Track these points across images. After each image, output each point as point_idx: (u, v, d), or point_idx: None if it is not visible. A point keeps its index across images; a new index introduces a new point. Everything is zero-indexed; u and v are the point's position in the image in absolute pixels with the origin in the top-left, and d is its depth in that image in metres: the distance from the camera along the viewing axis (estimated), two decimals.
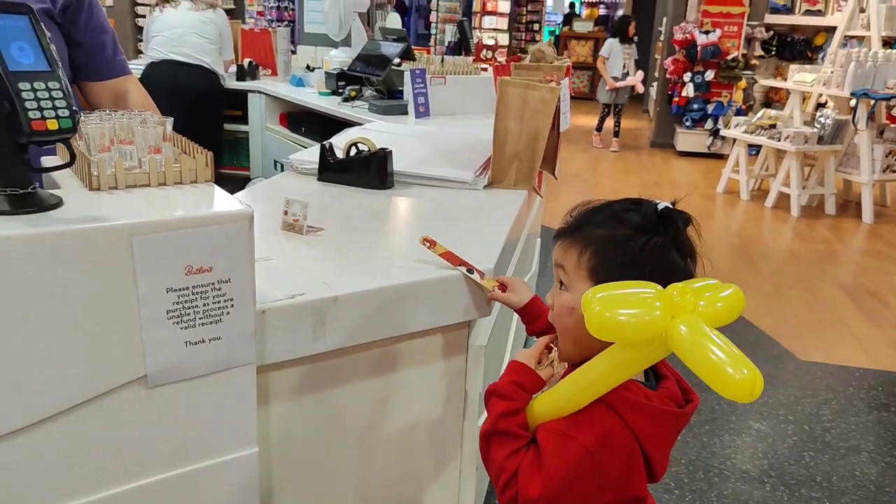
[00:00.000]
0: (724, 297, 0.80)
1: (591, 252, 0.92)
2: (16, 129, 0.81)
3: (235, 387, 0.99)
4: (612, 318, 0.77)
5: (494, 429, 0.93)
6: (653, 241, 0.89)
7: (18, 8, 0.85)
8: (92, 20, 1.47)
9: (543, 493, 0.85)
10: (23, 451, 0.84)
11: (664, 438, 0.92)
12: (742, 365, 0.72)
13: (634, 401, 0.88)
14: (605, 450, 0.86)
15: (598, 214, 0.96)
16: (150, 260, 0.86)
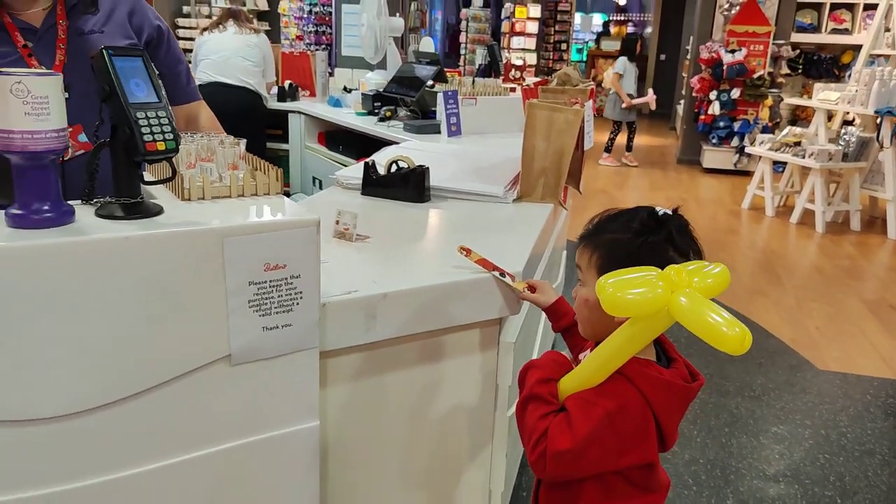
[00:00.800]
0: (714, 274, 0.96)
1: (600, 253, 1.10)
2: (133, 149, 1.00)
3: (302, 367, 1.16)
4: (623, 297, 0.93)
5: (531, 393, 1.09)
6: (649, 241, 1.06)
7: (134, 51, 1.05)
8: (170, 53, 1.68)
9: (570, 448, 1.01)
10: (132, 415, 1.02)
11: (673, 409, 1.08)
12: (733, 325, 0.88)
13: (649, 375, 1.04)
14: (623, 414, 1.02)
15: (609, 222, 1.14)
16: (237, 258, 1.04)
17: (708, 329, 0.88)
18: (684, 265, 0.96)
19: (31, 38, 1.45)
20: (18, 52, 1.43)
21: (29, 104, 0.90)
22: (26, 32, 1.45)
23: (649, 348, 1.11)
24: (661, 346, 1.15)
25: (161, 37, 1.65)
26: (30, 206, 0.95)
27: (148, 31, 1.62)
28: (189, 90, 1.76)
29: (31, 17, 1.47)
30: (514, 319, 1.56)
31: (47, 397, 0.95)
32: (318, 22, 5.74)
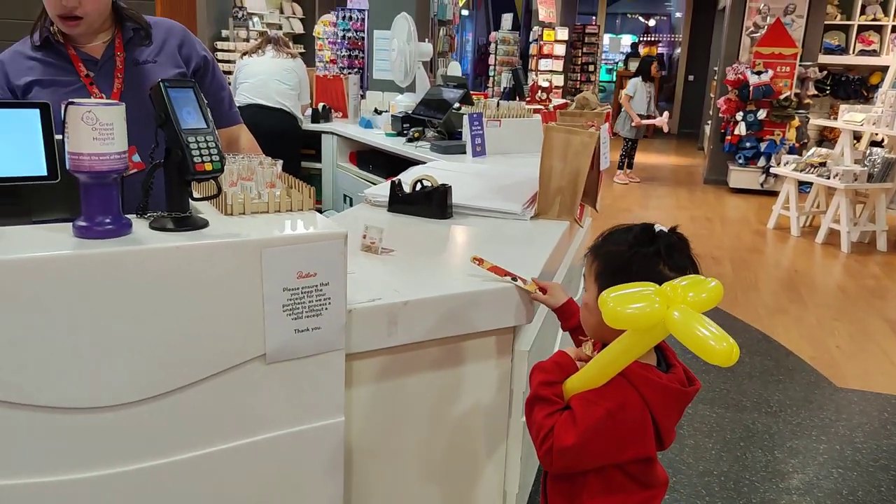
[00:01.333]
0: (708, 289, 1.06)
1: (598, 262, 1.21)
2: (184, 170, 1.13)
3: (329, 367, 1.28)
4: (622, 311, 1.03)
5: (536, 394, 1.20)
6: (639, 253, 1.16)
7: (186, 83, 1.18)
8: (214, 80, 1.83)
9: (575, 443, 1.11)
10: (178, 406, 1.14)
11: (670, 410, 1.18)
12: (721, 339, 0.97)
13: (648, 378, 1.15)
14: (622, 412, 1.12)
15: (612, 235, 1.25)
16: (274, 266, 1.17)
17: (698, 342, 0.98)
18: (680, 281, 1.06)
19: (93, 68, 1.62)
20: (81, 81, 1.59)
21: (97, 130, 1.04)
22: (88, 63, 1.62)
23: (650, 353, 1.21)
24: (662, 352, 1.24)
25: (207, 66, 1.80)
26: (94, 219, 1.08)
27: (196, 61, 1.77)
28: (231, 114, 1.91)
29: (92, 49, 1.64)
30: (529, 328, 1.67)
31: (106, 388, 1.08)
32: (350, 46, 5.93)
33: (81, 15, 1.54)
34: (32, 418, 1.04)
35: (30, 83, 1.60)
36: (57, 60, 1.62)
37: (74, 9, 1.53)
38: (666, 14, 18.17)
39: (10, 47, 1.68)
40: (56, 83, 1.59)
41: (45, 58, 1.62)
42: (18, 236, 1.08)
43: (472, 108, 3.49)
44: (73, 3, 1.52)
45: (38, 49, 1.63)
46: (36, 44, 1.63)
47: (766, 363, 3.42)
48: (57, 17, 1.56)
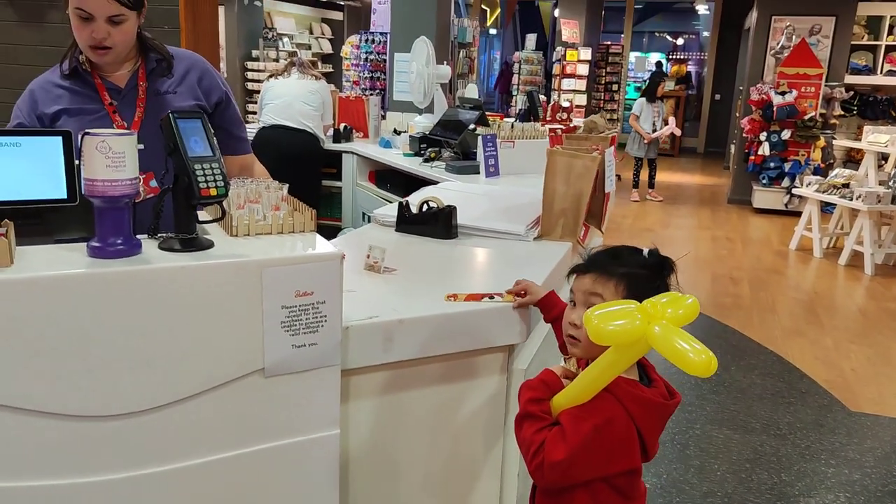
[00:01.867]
0: (686, 306, 1.11)
1: (625, 284, 1.23)
2: (191, 194, 1.22)
3: (325, 381, 1.35)
4: (606, 328, 1.09)
5: (525, 412, 1.25)
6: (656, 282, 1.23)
7: (195, 114, 1.27)
8: (232, 113, 1.92)
9: (564, 458, 1.16)
10: (182, 416, 1.22)
11: (654, 423, 1.23)
12: (700, 352, 1.02)
13: (633, 393, 1.20)
14: (609, 427, 1.18)
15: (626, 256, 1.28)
16: (273, 285, 1.24)
17: (678, 355, 1.03)
18: (659, 298, 1.12)
19: (116, 97, 1.72)
20: (105, 110, 1.69)
21: (110, 158, 1.13)
22: (112, 92, 1.72)
23: (632, 369, 1.26)
24: (643, 368, 1.29)
25: (227, 100, 1.89)
26: (106, 240, 1.17)
27: (216, 94, 1.86)
28: (246, 144, 1.99)
29: (117, 79, 1.75)
30: (527, 347, 1.72)
31: (114, 397, 1.16)
32: (373, 69, 6.06)
33: (111, 45, 1.65)
34: (46, 425, 1.12)
35: (58, 112, 1.71)
36: (83, 89, 1.73)
37: (104, 40, 1.63)
38: (694, 32, 18.14)
39: (42, 76, 1.80)
40: (82, 111, 1.70)
41: (73, 86, 1.73)
42: (37, 255, 1.16)
43: (487, 129, 3.56)
44: (103, 35, 1.63)
45: (67, 78, 1.74)
46: (65, 72, 1.74)
47: (779, 385, 3.42)
48: (88, 48, 1.66)
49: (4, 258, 1.10)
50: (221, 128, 1.88)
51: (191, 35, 3.41)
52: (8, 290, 1.07)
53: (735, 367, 3.62)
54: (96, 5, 1.59)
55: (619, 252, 1.30)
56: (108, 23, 1.62)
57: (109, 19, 1.62)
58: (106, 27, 1.62)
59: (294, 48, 11.12)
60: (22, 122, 1.75)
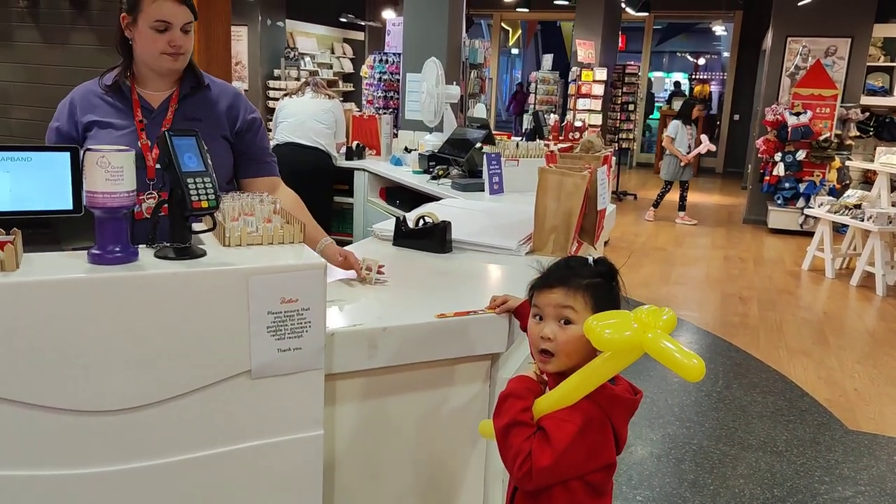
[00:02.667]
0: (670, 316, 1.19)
1: (589, 295, 1.29)
2: (183, 207, 1.31)
3: (309, 384, 1.42)
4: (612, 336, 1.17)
5: (514, 420, 1.29)
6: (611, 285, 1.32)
7: (189, 132, 1.37)
8: (261, 138, 2.02)
9: (551, 462, 1.23)
10: (172, 413, 1.30)
11: (625, 418, 1.31)
12: (691, 357, 1.11)
13: (607, 393, 1.27)
14: (589, 426, 1.24)
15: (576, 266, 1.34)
16: (259, 292, 1.33)
17: (675, 361, 1.12)
18: (646, 309, 1.19)
19: (148, 116, 1.86)
20: (134, 126, 1.83)
21: (109, 172, 1.22)
22: (145, 110, 1.86)
23: None
24: None
25: (253, 126, 2.00)
26: (105, 248, 1.26)
27: (241, 122, 1.97)
28: (272, 166, 2.07)
29: (153, 98, 1.88)
30: (511, 357, 1.79)
31: (109, 394, 1.25)
32: (386, 88, 6.19)
33: (184, 52, 1.83)
34: (45, 418, 1.21)
35: (91, 122, 1.85)
36: (119, 103, 1.86)
37: (181, 46, 1.81)
38: (716, 53, 18.17)
39: (84, 84, 1.94)
40: (112, 126, 1.83)
41: (110, 100, 1.87)
42: (41, 261, 1.26)
43: (493, 148, 3.65)
44: (181, 42, 1.80)
45: (107, 90, 1.87)
46: (107, 83, 1.88)
47: (779, 403, 3.44)
48: (162, 56, 1.81)
49: (11, 263, 1.20)
50: (247, 154, 1.99)
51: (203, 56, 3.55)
52: (13, 292, 1.17)
53: (737, 385, 3.65)
54: (175, 14, 1.77)
55: (572, 264, 1.36)
56: (182, 31, 1.80)
57: (183, 28, 1.79)
58: (181, 35, 1.80)
59: (315, 68, 11.34)
60: (60, 125, 1.89)
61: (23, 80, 4.21)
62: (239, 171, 2.01)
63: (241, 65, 10.29)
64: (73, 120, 1.88)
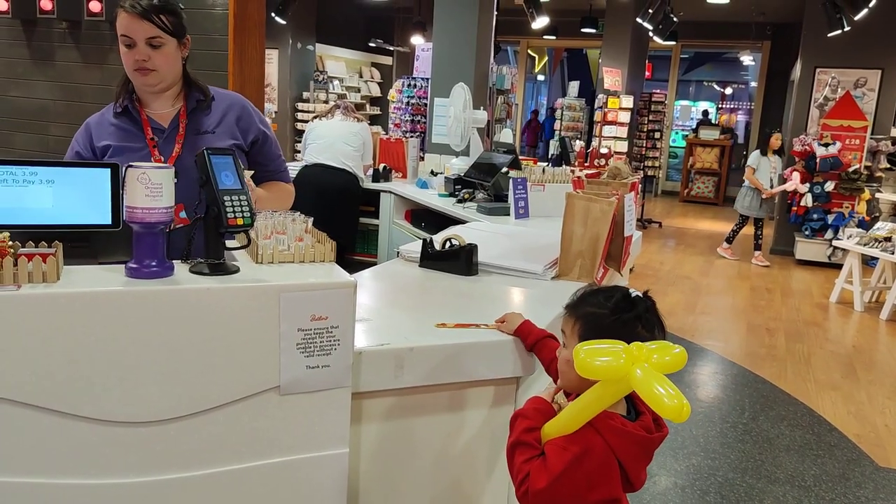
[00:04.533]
0: (673, 354, 1.18)
1: (581, 323, 1.32)
2: (219, 223, 1.34)
3: (336, 402, 1.43)
4: (592, 363, 1.16)
5: (518, 440, 1.32)
6: (621, 319, 1.28)
7: (226, 151, 1.40)
8: (271, 149, 2.08)
9: (546, 486, 1.23)
10: (203, 427, 1.32)
11: (637, 454, 1.28)
12: (675, 397, 1.09)
13: (612, 425, 1.26)
14: (587, 456, 1.24)
15: (589, 297, 1.36)
16: (290, 309, 1.35)
17: (654, 398, 1.11)
18: (649, 344, 1.18)
19: (159, 136, 1.90)
20: (147, 147, 1.87)
21: (148, 188, 1.26)
22: (156, 130, 1.91)
23: (620, 403, 1.32)
24: (632, 401, 1.36)
25: (264, 138, 2.05)
26: (142, 262, 1.29)
27: (253, 134, 2.02)
28: (283, 175, 2.13)
29: (161, 117, 1.92)
30: (537, 381, 1.79)
31: (141, 406, 1.27)
32: (414, 112, 6.27)
33: (152, 67, 1.84)
34: (77, 427, 1.24)
35: (106, 146, 1.90)
36: (131, 126, 1.91)
37: (145, 62, 1.82)
38: (743, 82, 18.12)
39: (100, 112, 1.98)
40: (126, 149, 1.88)
41: (122, 124, 1.92)
42: (81, 274, 1.29)
43: (519, 173, 3.66)
44: (144, 56, 1.82)
45: (118, 115, 1.92)
46: (117, 110, 1.92)
47: (807, 437, 3.38)
48: (133, 72, 1.85)
49: (53, 275, 1.23)
50: (259, 163, 2.03)
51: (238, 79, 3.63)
52: (53, 302, 1.20)
53: (763, 417, 3.59)
54: (137, 29, 1.80)
55: (586, 292, 1.39)
56: (148, 46, 1.81)
57: (149, 43, 1.81)
58: (146, 50, 1.82)
59: (344, 91, 11.50)
60: (80, 151, 1.94)
61: (61, 99, 4.32)
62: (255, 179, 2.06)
63: (271, 87, 10.47)
64: (91, 146, 1.93)
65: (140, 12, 1.78)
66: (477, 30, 5.34)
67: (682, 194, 12.87)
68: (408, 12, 11.39)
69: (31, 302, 1.18)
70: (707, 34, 12.67)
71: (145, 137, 1.88)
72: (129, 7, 1.79)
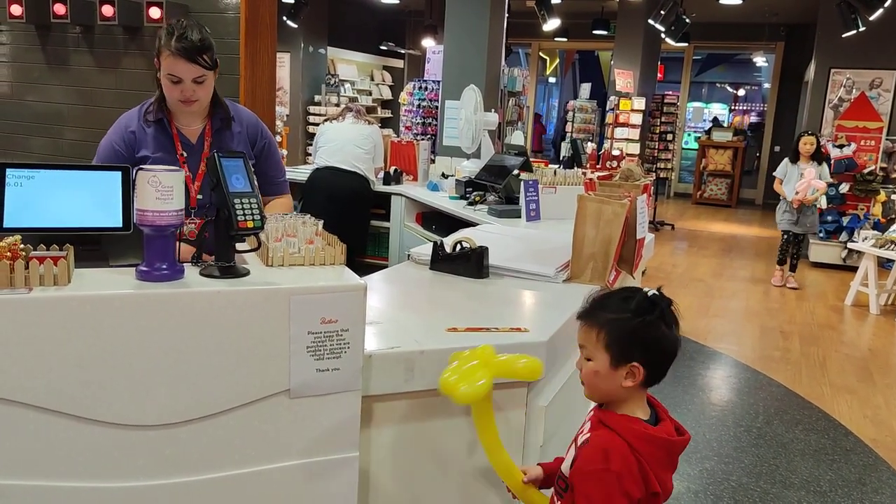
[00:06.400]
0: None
1: (605, 332, 1.29)
2: (230, 226, 1.34)
3: (346, 405, 1.43)
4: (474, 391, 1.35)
5: None
6: (645, 321, 1.27)
7: (238, 154, 1.40)
8: (273, 158, 2.19)
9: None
10: (212, 430, 1.32)
11: (660, 458, 1.27)
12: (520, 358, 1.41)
13: (630, 427, 1.26)
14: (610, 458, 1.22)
15: (607, 302, 1.34)
16: (300, 312, 1.34)
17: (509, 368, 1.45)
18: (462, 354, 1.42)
19: (189, 150, 2.05)
20: (178, 160, 2.00)
21: (159, 191, 1.26)
22: (186, 146, 2.05)
23: (643, 408, 1.32)
24: (654, 409, 1.34)
25: (269, 148, 2.22)
26: (153, 265, 1.29)
27: (259, 144, 2.19)
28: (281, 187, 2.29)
29: (190, 133, 2.07)
30: (549, 385, 1.78)
31: (152, 409, 1.27)
32: (425, 115, 6.27)
33: (196, 100, 1.99)
34: (88, 430, 1.24)
35: (144, 157, 2.02)
36: (164, 139, 2.05)
37: (192, 97, 1.97)
38: (756, 84, 18.01)
39: (130, 115, 2.09)
40: (161, 161, 1.99)
41: (157, 135, 2.05)
42: (92, 276, 1.29)
43: (530, 175, 3.65)
44: (190, 94, 1.97)
45: (150, 125, 2.05)
46: (150, 119, 2.05)
47: (823, 441, 3.34)
48: (177, 103, 1.99)
49: (64, 278, 1.23)
50: (263, 175, 2.17)
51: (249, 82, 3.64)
52: (65, 305, 1.20)
53: (778, 421, 3.55)
54: (184, 71, 1.93)
55: (601, 297, 1.36)
56: (193, 83, 1.95)
57: (194, 80, 1.94)
58: (192, 86, 1.96)
59: (355, 94, 11.52)
60: (121, 150, 2.04)
61: (76, 103, 4.35)
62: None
63: (282, 90, 10.51)
64: (133, 153, 2.04)
65: (188, 57, 1.91)
66: (488, 32, 5.33)
67: (695, 196, 12.80)
68: (419, 15, 11.41)
69: (41, 305, 1.18)
70: (720, 35, 12.60)
71: (176, 152, 2.01)
72: (176, 51, 1.91)
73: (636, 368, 1.27)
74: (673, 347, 1.29)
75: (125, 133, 2.06)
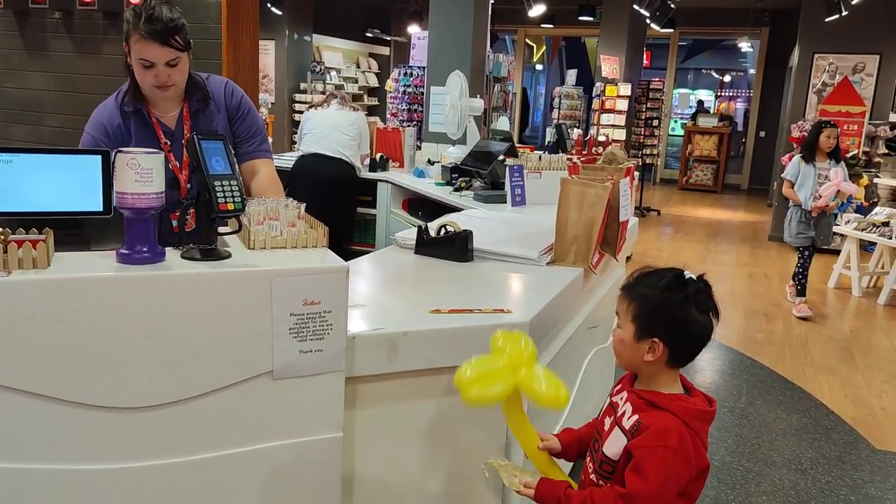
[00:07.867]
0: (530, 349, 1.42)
1: (634, 305, 1.34)
2: (210, 209, 1.34)
3: (330, 386, 1.44)
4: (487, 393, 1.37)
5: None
6: (671, 298, 1.30)
7: (217, 136, 1.40)
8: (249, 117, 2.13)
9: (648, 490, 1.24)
10: (196, 412, 1.32)
11: (702, 429, 1.31)
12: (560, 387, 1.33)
13: (683, 406, 1.29)
14: (670, 436, 1.25)
15: (644, 278, 1.38)
16: (282, 293, 1.35)
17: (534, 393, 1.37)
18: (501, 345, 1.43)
19: (170, 138, 1.99)
20: (162, 149, 1.91)
21: (138, 174, 1.25)
22: (166, 133, 1.99)
23: (677, 384, 1.36)
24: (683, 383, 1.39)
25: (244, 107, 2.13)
26: (133, 248, 1.29)
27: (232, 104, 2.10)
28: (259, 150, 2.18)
29: (168, 120, 2.00)
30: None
31: (134, 391, 1.27)
32: (410, 101, 6.25)
33: (171, 84, 1.92)
34: (70, 413, 1.24)
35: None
36: (144, 130, 1.98)
37: (166, 81, 1.90)
38: (742, 70, 18.07)
39: (106, 108, 2.01)
40: None
41: (136, 127, 1.98)
42: (72, 260, 1.29)
43: (516, 161, 3.65)
44: (165, 78, 1.89)
45: (128, 116, 1.98)
46: (127, 109, 1.98)
47: (804, 421, 3.39)
48: (152, 88, 1.91)
49: (43, 261, 1.23)
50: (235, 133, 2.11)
51: (232, 67, 3.62)
52: (44, 288, 1.20)
53: (760, 402, 3.60)
54: (157, 54, 1.84)
55: (641, 274, 1.40)
56: (167, 66, 1.87)
57: (167, 63, 1.86)
58: (166, 70, 1.87)
59: (341, 81, 11.46)
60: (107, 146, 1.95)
61: (56, 89, 4.31)
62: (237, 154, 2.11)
63: (267, 78, 10.43)
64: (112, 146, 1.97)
65: (160, 39, 1.82)
66: (473, 17, 5.31)
67: (681, 182, 12.86)
68: (405, 2, 11.35)
69: (21, 288, 1.18)
70: (705, 21, 12.61)
71: (159, 142, 1.96)
72: (146, 33, 1.81)
73: (656, 344, 1.30)
74: (703, 331, 1.31)
75: (111, 128, 1.98)
